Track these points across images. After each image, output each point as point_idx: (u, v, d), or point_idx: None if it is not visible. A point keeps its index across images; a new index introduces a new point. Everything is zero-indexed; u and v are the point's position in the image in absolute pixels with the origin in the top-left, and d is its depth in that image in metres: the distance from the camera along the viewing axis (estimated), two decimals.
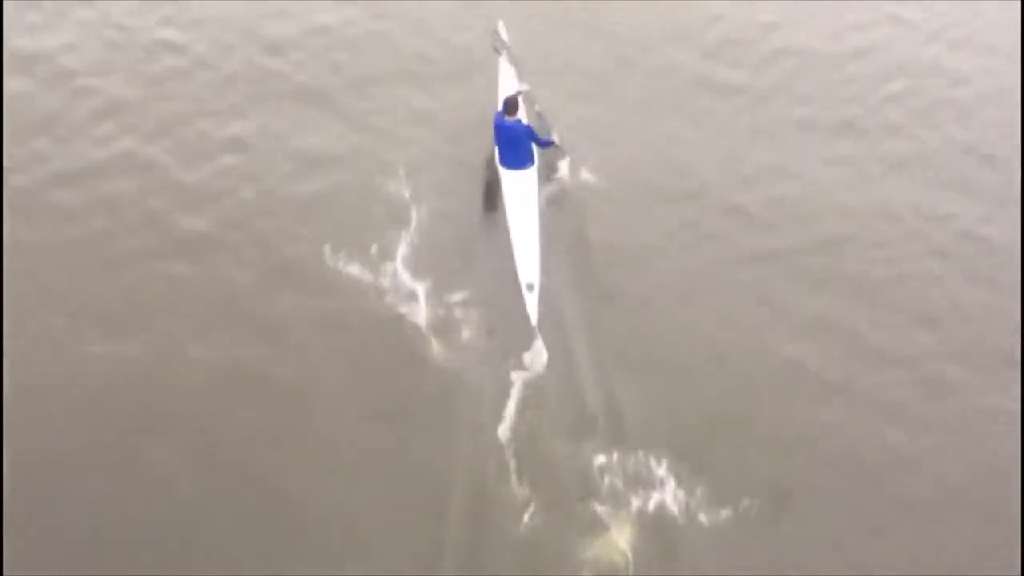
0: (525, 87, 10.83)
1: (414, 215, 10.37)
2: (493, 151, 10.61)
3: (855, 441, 9.01)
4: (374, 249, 10.01)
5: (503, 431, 8.74)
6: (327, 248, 10.03)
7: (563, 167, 10.82)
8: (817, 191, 11.07)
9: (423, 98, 11.88)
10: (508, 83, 11.05)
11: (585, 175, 10.77)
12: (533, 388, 9.05)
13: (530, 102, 10.91)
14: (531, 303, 9.39)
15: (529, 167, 10.40)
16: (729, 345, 9.57)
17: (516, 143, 10.35)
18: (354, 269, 9.90)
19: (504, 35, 11.46)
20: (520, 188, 10.22)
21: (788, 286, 10.14)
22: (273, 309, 9.75)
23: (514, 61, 11.19)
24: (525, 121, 10.45)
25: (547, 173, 10.75)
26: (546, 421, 8.85)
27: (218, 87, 11.96)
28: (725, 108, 11.97)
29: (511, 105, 10.31)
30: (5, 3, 12.61)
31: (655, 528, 8.27)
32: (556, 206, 10.62)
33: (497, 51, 11.30)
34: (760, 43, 12.78)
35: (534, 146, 10.54)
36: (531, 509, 8.31)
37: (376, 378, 9.26)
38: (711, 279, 10.17)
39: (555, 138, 10.68)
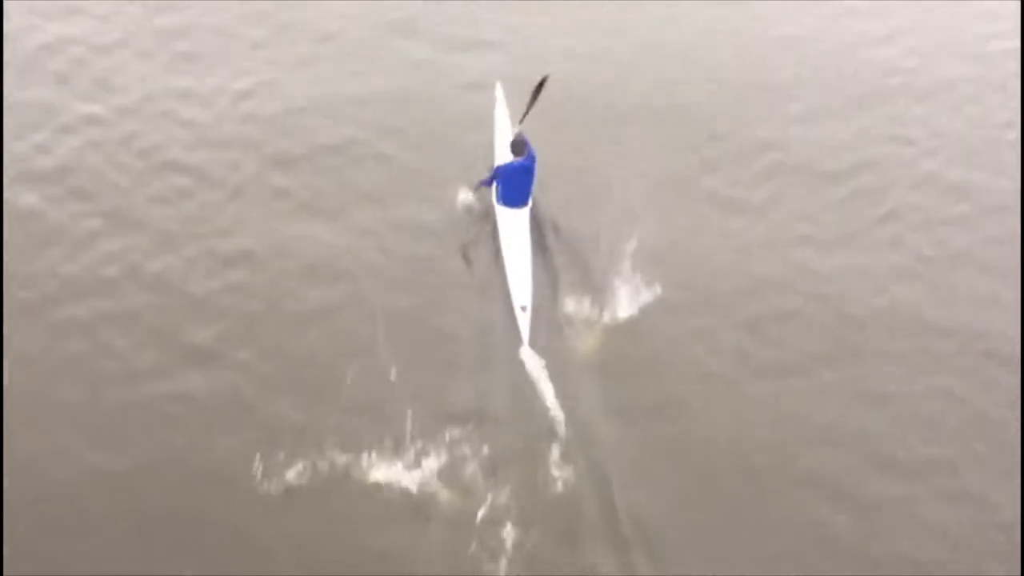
0: (517, 129, 11.59)
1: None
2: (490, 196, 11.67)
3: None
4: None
5: None
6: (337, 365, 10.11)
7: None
8: (824, 304, 11.14)
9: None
10: (502, 133, 12.14)
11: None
12: None
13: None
14: (523, 323, 10.48)
15: (526, 207, 11.43)
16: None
17: (524, 180, 11.32)
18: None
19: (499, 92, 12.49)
20: (516, 224, 11.31)
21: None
22: (282, 419, 9.75)
23: (506, 109, 12.32)
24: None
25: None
26: None
27: (222, 203, 11.96)
28: (734, 224, 11.97)
29: (519, 145, 11.23)
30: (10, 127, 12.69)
31: None
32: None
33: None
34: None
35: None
36: None
37: None
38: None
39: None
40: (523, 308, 10.61)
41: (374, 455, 9.35)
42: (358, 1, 15.19)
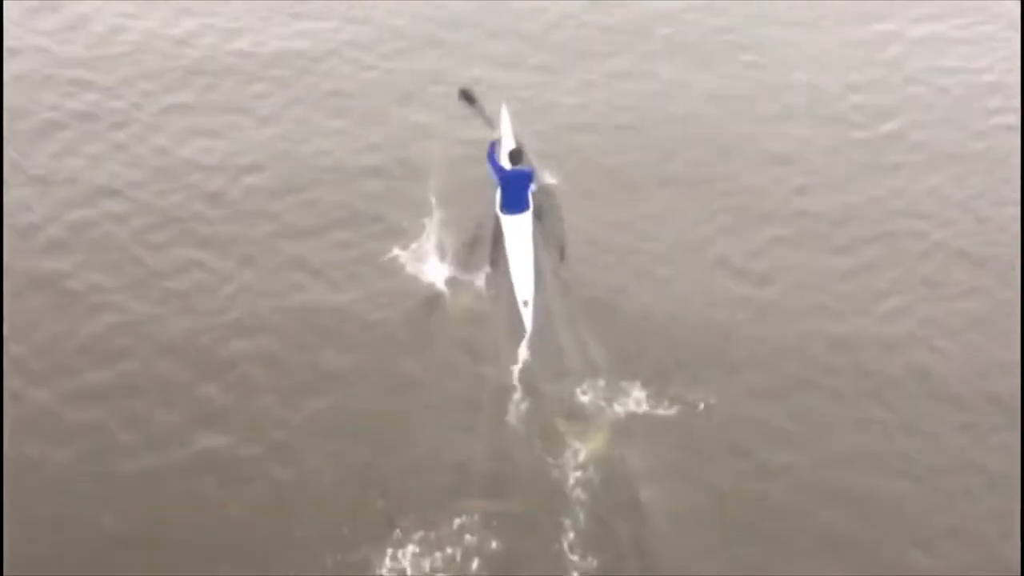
0: (498, 135, 12.82)
1: None
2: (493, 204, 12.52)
3: None
4: None
5: None
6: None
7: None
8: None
9: None
10: (508, 136, 13.24)
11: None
12: None
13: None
14: (527, 316, 11.39)
15: (526, 212, 12.41)
16: None
17: (521, 187, 12.34)
18: None
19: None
20: (518, 229, 12.26)
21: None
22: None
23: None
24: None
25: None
26: None
27: (228, 303, 11.80)
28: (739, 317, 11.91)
29: (517, 155, 12.43)
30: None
31: None
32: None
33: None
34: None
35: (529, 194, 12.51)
36: None
37: None
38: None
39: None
40: (525, 303, 11.47)
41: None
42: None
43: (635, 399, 10.59)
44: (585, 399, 10.61)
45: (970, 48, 16.39)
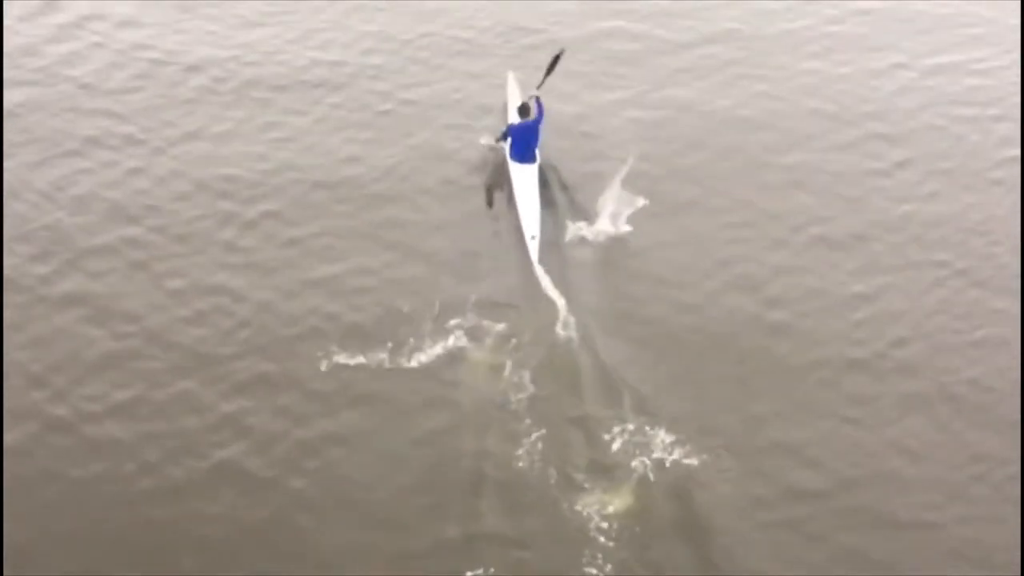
0: (534, 94, 14.02)
1: None
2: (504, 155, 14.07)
3: None
4: None
5: None
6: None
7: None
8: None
9: None
10: (514, 98, 14.75)
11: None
12: None
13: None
14: (533, 249, 12.84)
15: (533, 163, 13.82)
16: None
17: (530, 138, 13.77)
18: None
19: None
20: (525, 176, 13.72)
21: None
22: None
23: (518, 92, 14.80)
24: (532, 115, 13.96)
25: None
26: None
27: (215, 369, 11.54)
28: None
29: (526, 108, 13.89)
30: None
31: None
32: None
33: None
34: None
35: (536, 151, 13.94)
36: None
37: None
38: None
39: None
40: (532, 237, 12.93)
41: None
42: None
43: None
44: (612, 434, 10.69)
45: (981, 80, 16.57)
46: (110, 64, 16.17)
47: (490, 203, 13.97)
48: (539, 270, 12.58)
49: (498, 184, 14.06)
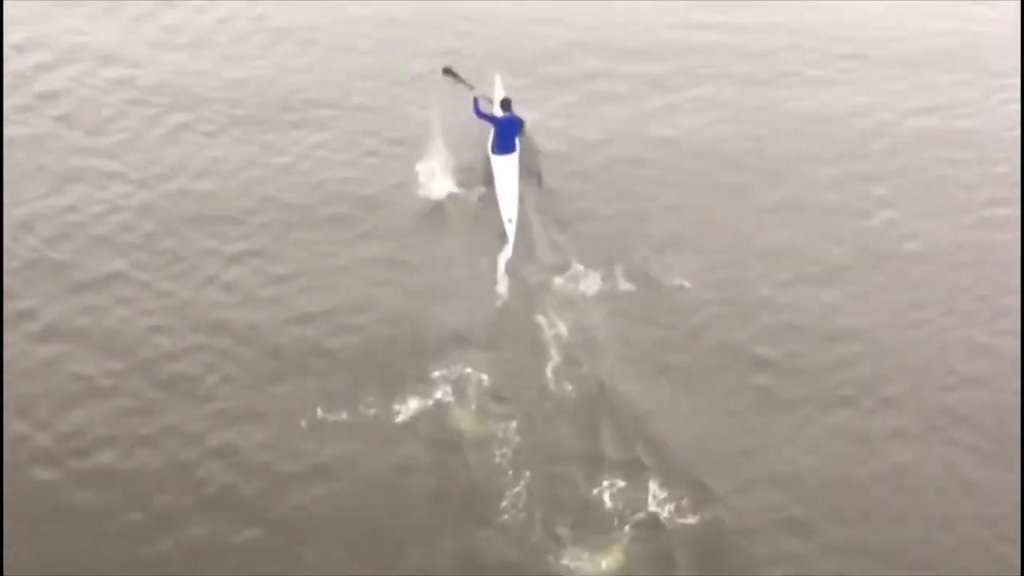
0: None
1: None
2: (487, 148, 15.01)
3: None
4: None
5: None
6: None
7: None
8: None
9: None
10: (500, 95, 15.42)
11: None
12: None
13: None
14: (510, 230, 13.72)
15: (513, 154, 14.86)
16: None
17: (511, 132, 14.85)
18: None
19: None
20: (507, 166, 14.72)
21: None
22: None
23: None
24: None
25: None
26: None
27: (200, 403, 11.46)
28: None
29: (507, 103, 14.93)
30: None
31: None
32: None
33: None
34: None
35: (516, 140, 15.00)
36: None
37: None
38: None
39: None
40: (509, 220, 13.80)
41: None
42: None
43: None
44: None
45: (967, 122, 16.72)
46: (89, 100, 16.28)
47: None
48: (510, 252, 13.39)
49: (487, 195, 14.45)
